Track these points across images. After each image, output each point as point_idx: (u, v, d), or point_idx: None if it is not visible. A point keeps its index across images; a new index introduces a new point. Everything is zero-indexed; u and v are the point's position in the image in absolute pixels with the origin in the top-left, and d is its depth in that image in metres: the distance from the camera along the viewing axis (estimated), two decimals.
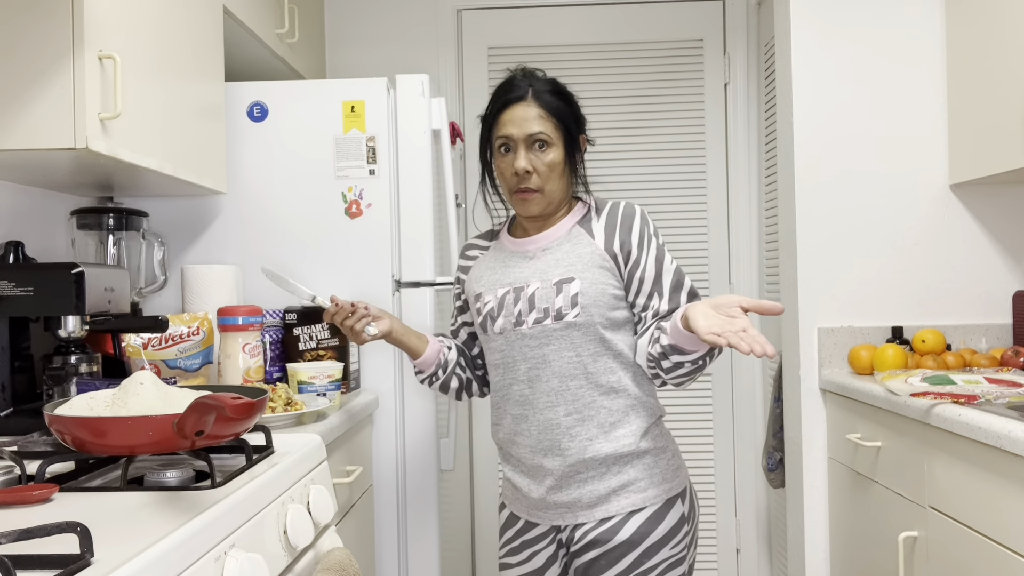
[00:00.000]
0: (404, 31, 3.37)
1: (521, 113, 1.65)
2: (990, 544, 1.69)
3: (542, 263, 1.67)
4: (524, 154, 1.64)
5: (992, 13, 2.24)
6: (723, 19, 3.34)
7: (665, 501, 1.63)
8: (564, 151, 1.67)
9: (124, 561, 0.91)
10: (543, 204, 1.67)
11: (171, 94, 1.91)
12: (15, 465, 1.30)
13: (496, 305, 1.68)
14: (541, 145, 1.64)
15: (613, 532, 1.61)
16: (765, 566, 3.32)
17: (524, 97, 1.66)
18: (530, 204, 1.66)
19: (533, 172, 1.65)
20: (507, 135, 1.66)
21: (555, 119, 1.65)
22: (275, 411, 1.80)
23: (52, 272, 1.70)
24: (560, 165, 1.66)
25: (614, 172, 3.34)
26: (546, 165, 1.65)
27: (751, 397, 3.33)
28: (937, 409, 1.85)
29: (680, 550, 1.63)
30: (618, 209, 1.70)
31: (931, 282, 2.53)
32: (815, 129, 2.54)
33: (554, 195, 1.67)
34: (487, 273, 1.74)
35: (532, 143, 1.64)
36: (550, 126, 1.65)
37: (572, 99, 1.71)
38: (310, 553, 1.46)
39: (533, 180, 1.65)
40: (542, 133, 1.64)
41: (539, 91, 1.67)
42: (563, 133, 1.66)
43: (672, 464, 1.67)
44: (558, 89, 1.69)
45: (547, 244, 1.69)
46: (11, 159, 1.66)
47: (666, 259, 1.67)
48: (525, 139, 1.64)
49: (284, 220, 2.35)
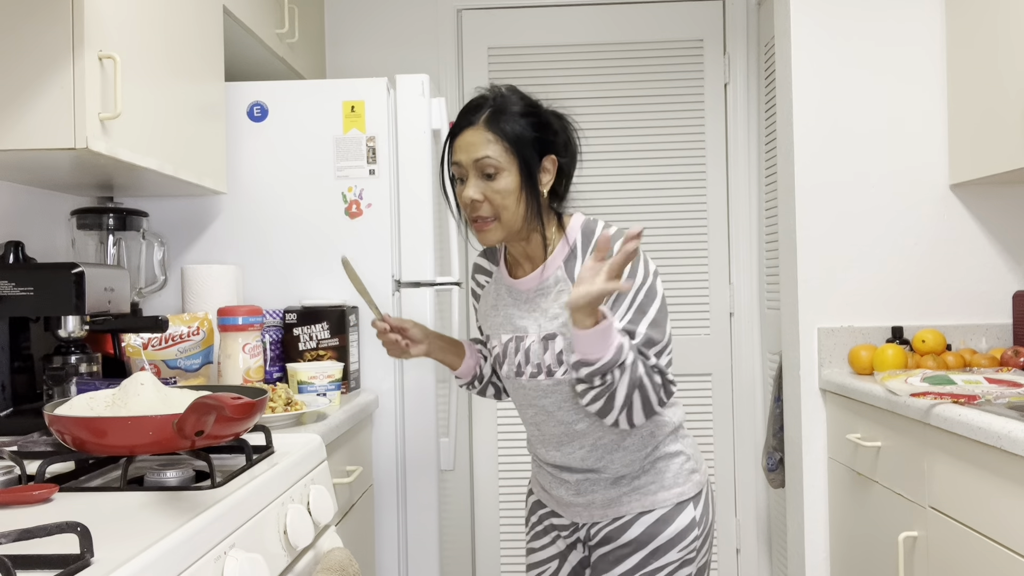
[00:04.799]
0: (404, 31, 3.37)
1: (469, 140, 1.57)
2: (990, 544, 1.69)
3: (537, 310, 1.64)
4: (474, 182, 1.56)
5: (992, 13, 2.24)
6: (723, 19, 3.34)
7: (676, 504, 1.64)
8: (520, 176, 1.56)
9: (124, 561, 0.91)
10: (501, 233, 1.59)
11: (171, 94, 1.92)
12: (15, 465, 1.30)
13: (501, 351, 1.70)
14: (491, 173, 1.55)
15: (622, 531, 1.65)
16: (765, 566, 3.32)
17: (474, 123, 1.57)
18: (487, 234, 1.59)
19: (484, 201, 1.56)
20: (456, 163, 1.59)
21: (506, 143, 1.55)
22: (275, 411, 1.80)
23: (52, 272, 1.70)
24: (514, 192, 1.56)
25: (614, 172, 3.34)
26: (497, 193, 1.55)
27: (751, 397, 3.33)
28: (937, 409, 1.85)
29: (689, 553, 1.64)
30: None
31: (931, 282, 2.53)
32: (815, 129, 2.54)
33: (513, 224, 1.58)
34: (492, 313, 1.73)
35: (481, 172, 1.56)
36: (499, 150, 1.55)
37: (541, 118, 1.60)
38: (310, 553, 1.46)
39: (484, 209, 1.57)
40: (488, 158, 1.54)
41: (495, 113, 1.57)
42: (516, 157, 1.56)
43: (685, 468, 1.67)
44: (522, 109, 1.59)
45: (539, 285, 1.64)
46: (11, 159, 1.66)
47: (641, 298, 1.56)
48: (474, 167, 1.56)
49: (284, 220, 2.35)
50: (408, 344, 1.75)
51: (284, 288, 2.35)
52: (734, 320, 3.33)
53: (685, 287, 3.34)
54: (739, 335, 3.32)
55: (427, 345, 1.77)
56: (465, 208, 1.60)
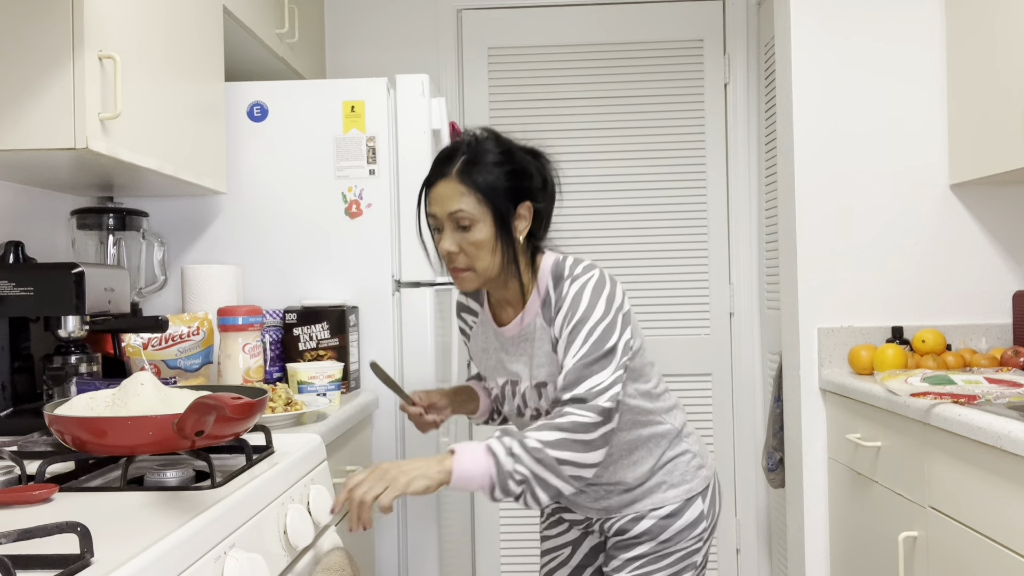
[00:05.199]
0: (404, 31, 3.37)
1: (441, 192, 1.57)
2: (990, 544, 1.69)
3: (524, 356, 1.66)
4: (450, 234, 1.58)
5: (992, 13, 2.24)
6: (723, 19, 3.34)
7: (685, 500, 1.72)
8: (494, 226, 1.57)
9: (124, 561, 0.91)
10: (478, 282, 1.60)
11: (171, 94, 1.91)
12: (15, 465, 1.30)
13: (499, 393, 1.75)
14: (465, 225, 1.56)
15: (634, 523, 1.72)
16: (765, 566, 3.31)
17: (447, 174, 1.57)
18: (464, 283, 1.61)
19: (460, 252, 1.58)
20: (432, 214, 1.61)
21: (479, 194, 1.56)
22: (275, 411, 1.80)
23: (52, 272, 1.70)
24: (489, 242, 1.57)
25: (615, 172, 3.34)
26: (472, 244, 1.57)
27: (751, 397, 3.33)
28: (937, 409, 1.85)
29: (696, 542, 1.72)
30: (562, 293, 1.59)
31: (931, 282, 2.53)
32: (815, 129, 2.54)
33: (489, 272, 1.59)
34: (483, 356, 1.76)
35: (456, 223, 1.57)
36: (472, 202, 1.55)
37: (516, 164, 1.60)
38: (310, 553, 1.46)
39: (460, 260, 1.58)
40: (462, 212, 1.55)
41: (468, 163, 1.57)
42: (490, 208, 1.57)
43: (692, 465, 1.74)
44: (496, 158, 1.58)
45: (521, 332, 1.66)
46: (11, 159, 1.66)
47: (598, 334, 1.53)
48: (448, 219, 1.57)
49: (284, 220, 2.35)
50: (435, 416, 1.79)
51: (284, 288, 2.35)
52: (734, 320, 3.33)
53: (685, 287, 3.34)
54: (739, 335, 3.32)
55: (451, 408, 1.81)
56: (444, 258, 1.62)
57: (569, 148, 3.34)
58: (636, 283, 3.34)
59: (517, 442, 1.44)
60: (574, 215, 3.34)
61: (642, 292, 3.34)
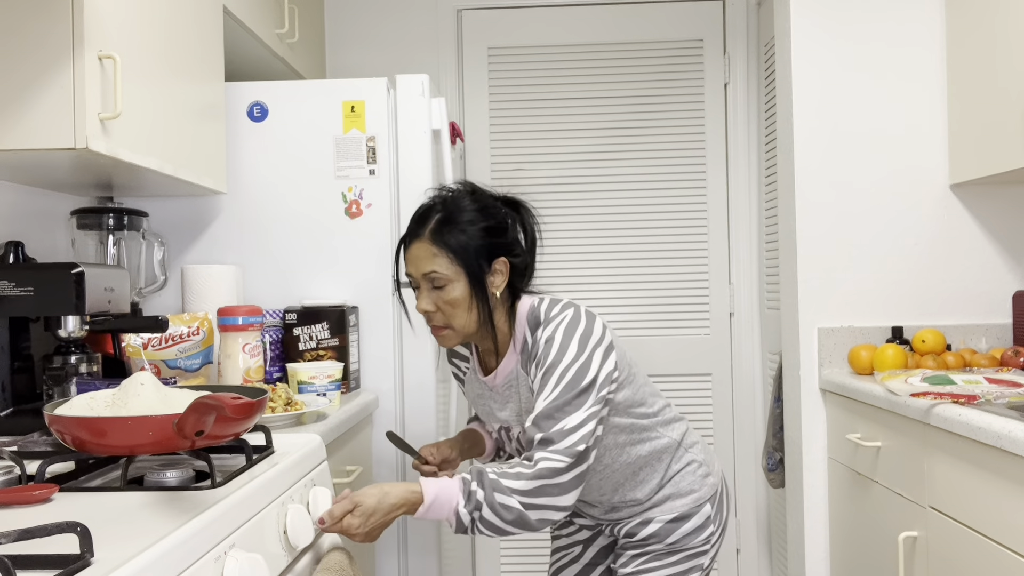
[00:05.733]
0: (404, 31, 3.37)
1: (415, 254, 1.60)
2: (990, 544, 1.69)
3: (511, 402, 1.69)
4: (426, 294, 1.60)
5: (993, 13, 2.24)
6: (723, 19, 3.33)
7: (694, 506, 1.74)
8: (468, 285, 1.59)
9: (124, 561, 0.91)
10: (457, 339, 1.63)
11: (171, 94, 1.91)
12: (15, 465, 1.30)
13: (498, 436, 1.80)
14: (439, 285, 1.59)
15: (643, 526, 1.75)
16: (765, 566, 3.31)
17: (421, 235, 1.60)
18: (444, 340, 1.63)
19: (437, 311, 1.60)
20: (408, 275, 1.63)
21: (451, 255, 1.58)
22: (275, 411, 1.80)
23: (52, 272, 1.70)
24: (464, 300, 1.59)
25: (615, 172, 3.34)
26: (447, 303, 1.59)
27: (751, 397, 3.33)
28: (937, 409, 1.85)
29: (704, 545, 1.74)
30: (537, 339, 1.60)
31: (931, 282, 2.53)
32: (815, 129, 2.54)
33: (466, 328, 1.61)
34: (478, 401, 1.79)
35: (430, 283, 1.60)
36: (445, 263, 1.58)
37: (489, 219, 1.61)
38: (310, 553, 1.46)
39: (437, 318, 1.61)
40: (435, 272, 1.58)
41: (442, 223, 1.59)
42: (463, 268, 1.58)
43: (699, 473, 1.76)
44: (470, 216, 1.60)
45: (505, 382, 1.68)
46: (11, 159, 1.66)
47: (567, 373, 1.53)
48: (423, 280, 1.60)
49: (284, 220, 2.35)
50: (449, 471, 1.79)
51: (284, 288, 2.35)
52: (734, 320, 3.33)
53: (685, 287, 3.34)
54: (739, 335, 3.32)
55: (460, 457, 1.82)
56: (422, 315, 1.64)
57: (569, 148, 3.34)
58: (636, 283, 3.34)
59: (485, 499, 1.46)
60: (574, 216, 3.34)
61: (642, 292, 3.34)
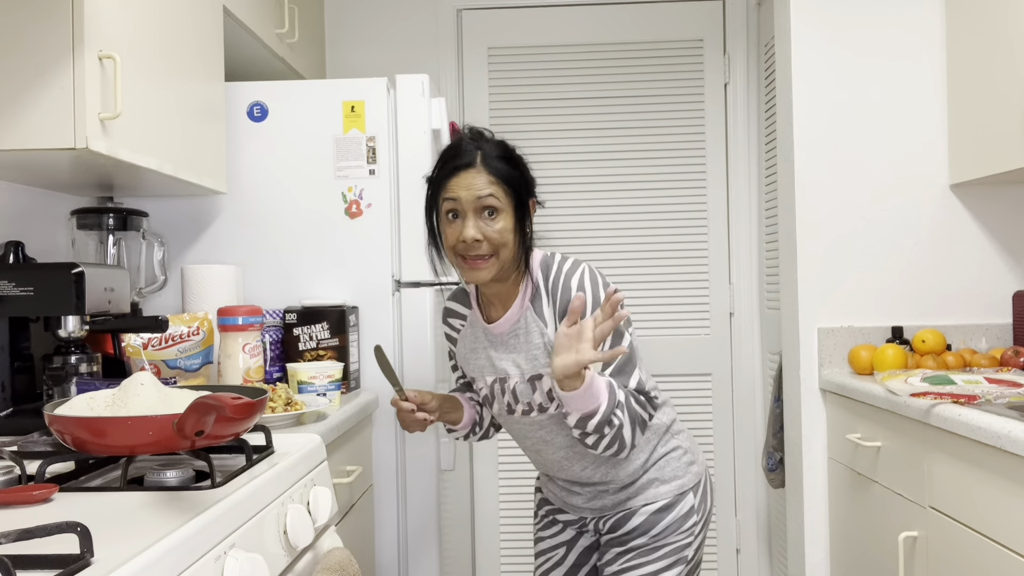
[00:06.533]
0: (404, 31, 3.37)
1: (470, 180, 1.59)
2: (990, 544, 1.69)
3: (513, 351, 1.68)
4: (474, 222, 1.59)
5: (992, 13, 2.24)
6: (723, 19, 3.33)
7: (676, 494, 1.75)
8: (514, 217, 1.61)
9: (124, 561, 0.91)
10: (495, 270, 1.62)
11: (171, 94, 1.92)
12: (15, 465, 1.30)
13: (488, 392, 1.76)
14: (491, 212, 1.59)
15: (627, 519, 1.75)
16: (765, 566, 3.32)
17: (473, 163, 1.60)
18: (480, 272, 1.61)
19: (484, 240, 1.59)
20: (456, 201, 1.60)
21: (505, 185, 1.60)
22: (275, 411, 1.80)
23: (52, 272, 1.70)
24: (511, 232, 1.61)
25: (615, 172, 3.34)
26: (497, 232, 1.59)
27: (751, 397, 3.33)
28: (937, 409, 1.85)
29: (687, 536, 1.74)
30: (559, 284, 1.65)
31: (931, 282, 2.53)
32: (815, 129, 2.54)
33: (506, 262, 1.62)
34: (471, 356, 1.77)
35: (481, 210, 1.59)
36: (500, 192, 1.59)
37: (522, 162, 1.67)
38: (310, 553, 1.46)
39: (484, 247, 1.60)
40: (492, 198, 1.59)
41: (488, 156, 1.61)
42: (513, 199, 1.61)
43: (683, 461, 1.77)
44: (507, 154, 1.64)
45: (510, 327, 1.68)
46: (11, 159, 1.66)
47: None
48: (474, 207, 1.59)
49: (284, 220, 2.35)
50: (425, 415, 1.75)
51: (284, 288, 2.35)
52: (734, 320, 3.33)
53: (685, 287, 3.34)
54: (739, 335, 3.32)
55: (439, 412, 1.79)
56: (457, 245, 1.61)
57: (569, 148, 3.34)
58: (636, 283, 3.34)
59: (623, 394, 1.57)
60: (574, 215, 3.34)
61: (642, 292, 3.34)
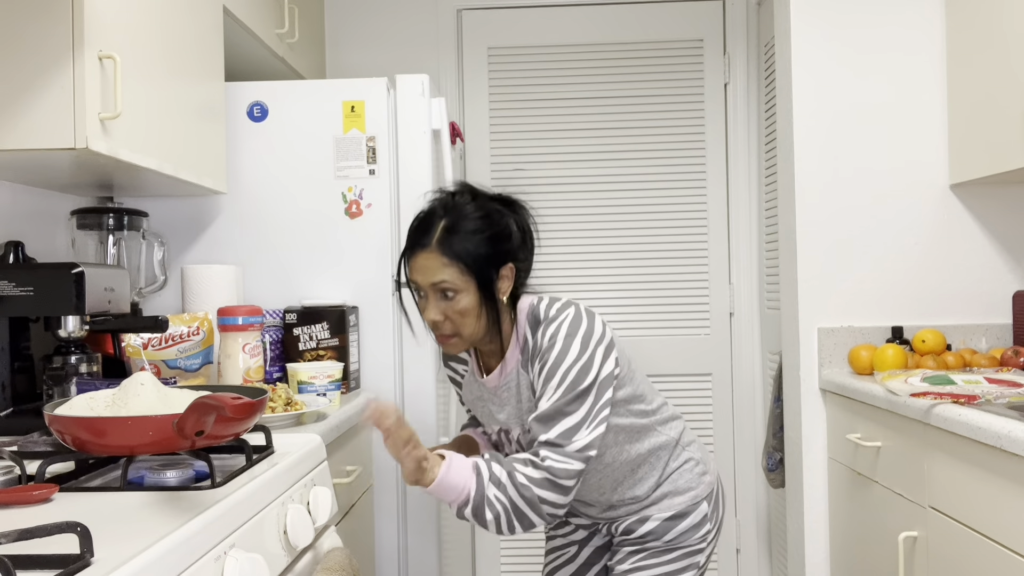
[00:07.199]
0: (404, 31, 3.37)
1: (424, 262, 1.57)
2: (990, 544, 1.69)
3: (509, 404, 1.67)
4: (434, 303, 1.58)
5: (992, 13, 2.24)
6: (723, 19, 3.33)
7: (690, 504, 1.75)
8: (478, 293, 1.57)
9: (124, 561, 0.91)
10: (464, 346, 1.62)
11: (171, 94, 1.91)
12: (15, 465, 1.30)
13: (496, 439, 1.79)
14: (448, 294, 1.57)
15: (640, 524, 1.75)
16: (765, 566, 3.31)
17: (428, 244, 1.57)
18: (451, 348, 1.62)
19: (445, 320, 1.58)
20: (415, 283, 1.60)
21: (462, 264, 1.55)
22: (275, 411, 1.80)
23: (52, 272, 1.69)
24: (474, 309, 1.58)
25: (615, 172, 3.34)
26: (457, 312, 1.57)
27: (751, 397, 3.33)
28: (937, 409, 1.85)
29: (700, 543, 1.75)
30: (543, 338, 1.59)
31: (931, 282, 2.53)
32: (815, 129, 2.54)
33: (474, 336, 1.61)
34: (477, 404, 1.77)
35: (440, 292, 1.57)
36: (455, 273, 1.55)
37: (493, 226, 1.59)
38: (310, 553, 1.46)
39: (446, 327, 1.59)
40: (446, 282, 1.56)
41: (450, 232, 1.56)
42: (473, 277, 1.57)
43: (696, 471, 1.77)
44: (474, 227, 1.57)
45: (503, 382, 1.67)
46: (11, 159, 1.66)
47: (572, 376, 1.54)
48: (431, 289, 1.58)
49: (284, 220, 2.35)
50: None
51: (284, 288, 2.35)
52: (734, 320, 3.33)
53: (685, 287, 3.34)
54: (739, 335, 3.32)
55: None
56: (427, 325, 1.63)
57: (569, 148, 3.34)
58: (636, 283, 3.34)
59: (505, 472, 1.50)
60: (574, 216, 3.34)
61: (642, 292, 3.34)
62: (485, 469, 1.50)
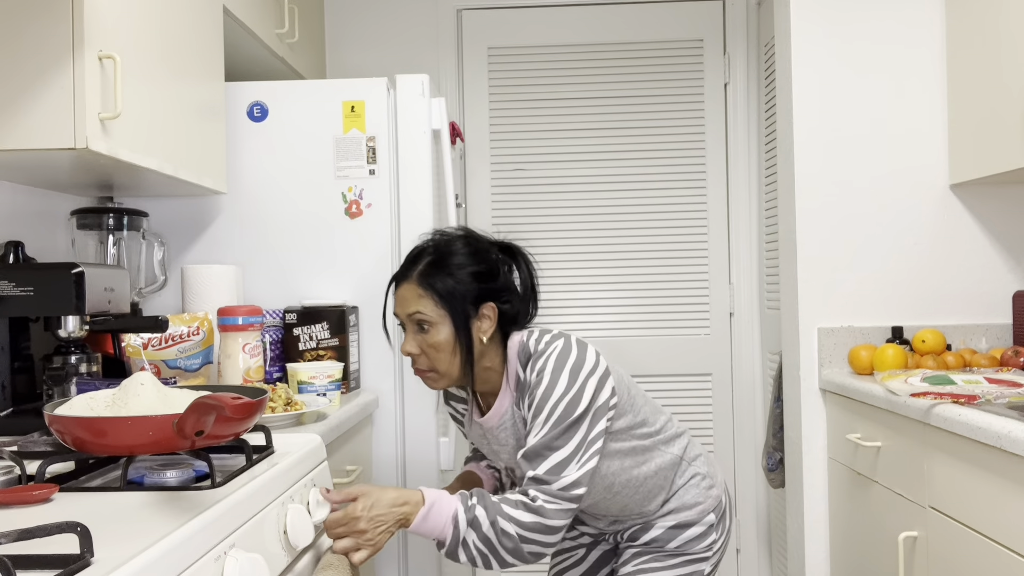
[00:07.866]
0: (404, 31, 3.37)
1: (402, 294, 1.60)
2: (990, 544, 1.69)
3: (510, 443, 1.67)
4: (411, 336, 1.59)
5: (992, 13, 2.24)
6: (723, 19, 3.34)
7: (697, 514, 1.75)
8: (453, 328, 1.57)
9: (124, 561, 0.91)
10: (443, 383, 1.62)
11: (171, 94, 1.91)
12: (15, 465, 1.30)
13: (503, 476, 1.82)
14: (422, 327, 1.58)
15: (645, 530, 1.76)
16: (765, 566, 3.31)
17: (408, 276, 1.59)
18: (430, 383, 1.62)
19: (421, 354, 1.59)
20: (396, 315, 1.62)
21: (437, 297, 1.56)
22: (275, 411, 1.80)
23: (52, 272, 1.69)
24: (447, 344, 1.57)
25: (615, 172, 3.34)
26: (431, 346, 1.58)
27: (751, 397, 3.33)
28: (937, 409, 1.85)
29: (706, 552, 1.75)
30: (532, 375, 1.58)
31: (931, 282, 2.53)
32: (815, 129, 2.54)
33: (451, 372, 1.60)
34: (482, 443, 1.77)
35: (415, 324, 1.58)
36: (429, 305, 1.56)
37: (481, 264, 1.60)
38: (310, 553, 1.46)
39: (421, 361, 1.60)
40: (419, 315, 1.57)
41: (431, 265, 1.58)
42: (448, 312, 1.57)
43: (703, 485, 1.77)
44: (461, 260, 1.59)
45: (499, 421, 1.66)
46: (11, 159, 1.66)
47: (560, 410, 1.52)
48: (408, 321, 1.59)
49: (284, 220, 2.35)
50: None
51: (284, 288, 2.35)
52: (734, 320, 3.33)
53: (685, 287, 3.34)
54: (739, 335, 3.32)
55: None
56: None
57: (569, 148, 3.34)
58: (636, 283, 3.34)
59: (488, 520, 1.48)
60: (574, 216, 3.34)
61: (642, 292, 3.34)
62: (463, 518, 1.48)
